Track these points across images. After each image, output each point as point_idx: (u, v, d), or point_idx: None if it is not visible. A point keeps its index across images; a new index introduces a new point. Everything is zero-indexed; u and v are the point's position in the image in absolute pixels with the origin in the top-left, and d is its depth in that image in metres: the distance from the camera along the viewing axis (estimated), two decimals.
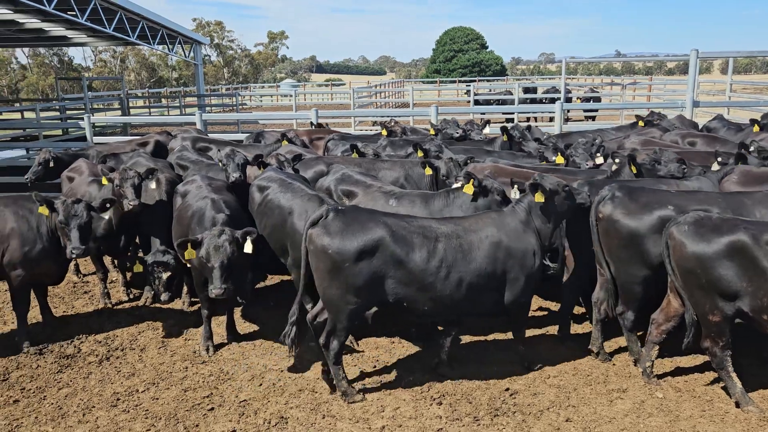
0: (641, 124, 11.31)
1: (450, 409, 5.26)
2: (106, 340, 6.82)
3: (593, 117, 24.72)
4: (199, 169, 8.27)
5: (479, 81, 47.63)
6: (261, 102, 42.74)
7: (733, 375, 5.11)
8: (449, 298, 5.25)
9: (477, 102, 26.52)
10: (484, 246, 5.32)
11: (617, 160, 7.20)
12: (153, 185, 7.45)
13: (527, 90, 29.06)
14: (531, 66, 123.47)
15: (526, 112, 22.99)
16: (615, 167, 7.16)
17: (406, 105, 31.36)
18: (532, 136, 9.69)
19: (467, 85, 38.79)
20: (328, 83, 66.28)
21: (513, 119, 20.96)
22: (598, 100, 25.33)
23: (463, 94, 41.60)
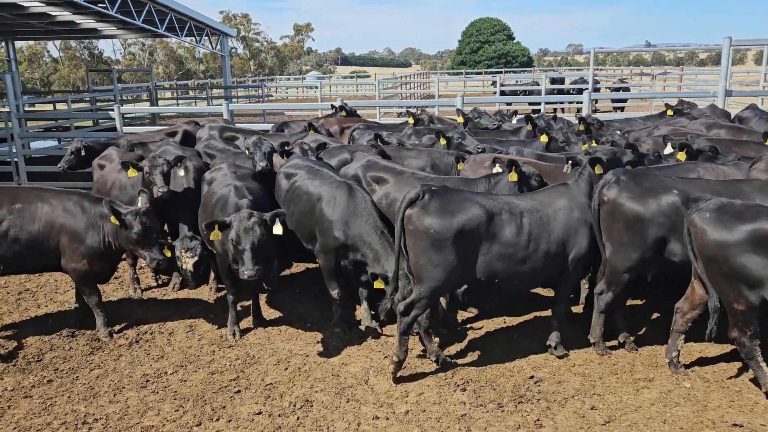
0: (670, 113, 11.12)
1: (474, 396, 5.28)
2: (135, 323, 6.96)
3: (622, 108, 24.29)
4: (226, 158, 8.34)
5: (505, 73, 47.13)
6: (287, 94, 42.88)
7: (763, 365, 5.01)
8: (533, 269, 5.48)
9: (503, 93, 26.28)
10: (559, 217, 5.59)
11: (669, 144, 7.57)
12: (181, 173, 7.56)
13: (554, 81, 28.69)
14: (558, 57, 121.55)
15: (553, 102, 22.75)
16: (668, 151, 7.54)
17: (431, 96, 31.23)
18: (569, 127, 9.57)
19: (493, 77, 38.39)
20: (353, 75, 66.27)
21: (540, 110, 20.75)
22: (626, 90, 24.90)
23: (489, 85, 41.21)
